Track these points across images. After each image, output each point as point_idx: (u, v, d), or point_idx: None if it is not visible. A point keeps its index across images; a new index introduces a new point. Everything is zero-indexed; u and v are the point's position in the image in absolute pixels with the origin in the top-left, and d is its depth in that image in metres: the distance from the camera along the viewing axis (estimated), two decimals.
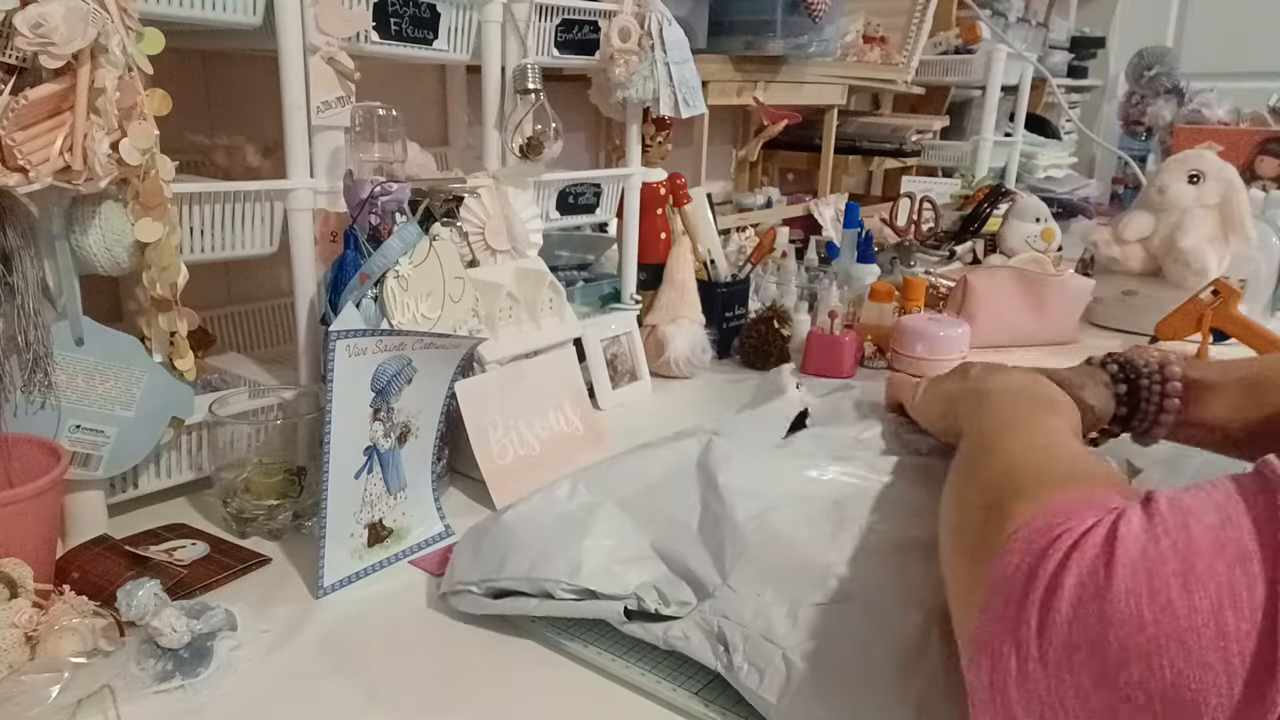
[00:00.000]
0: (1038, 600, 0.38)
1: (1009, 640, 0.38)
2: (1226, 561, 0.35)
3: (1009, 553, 0.41)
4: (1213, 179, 1.53)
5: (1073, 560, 0.38)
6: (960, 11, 2.42)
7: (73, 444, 0.73)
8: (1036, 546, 0.40)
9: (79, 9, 0.62)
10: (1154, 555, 0.36)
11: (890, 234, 1.87)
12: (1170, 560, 0.36)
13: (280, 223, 0.85)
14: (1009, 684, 0.38)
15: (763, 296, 1.50)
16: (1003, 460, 0.53)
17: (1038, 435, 0.58)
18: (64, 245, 0.71)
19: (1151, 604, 0.35)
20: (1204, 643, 0.34)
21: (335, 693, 0.62)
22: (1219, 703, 0.33)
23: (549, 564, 0.67)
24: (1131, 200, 1.93)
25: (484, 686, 0.63)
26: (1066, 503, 0.42)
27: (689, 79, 1.17)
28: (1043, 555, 0.39)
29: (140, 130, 0.68)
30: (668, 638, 0.63)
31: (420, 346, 0.76)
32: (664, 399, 1.22)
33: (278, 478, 0.82)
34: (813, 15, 1.61)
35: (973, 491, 0.52)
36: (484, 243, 1.01)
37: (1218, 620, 0.34)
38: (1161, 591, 0.35)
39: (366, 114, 0.84)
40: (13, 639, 0.58)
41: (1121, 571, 0.36)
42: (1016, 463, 0.52)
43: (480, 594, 0.69)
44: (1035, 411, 0.62)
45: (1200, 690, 0.34)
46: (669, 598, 0.65)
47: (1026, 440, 0.56)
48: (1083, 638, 0.36)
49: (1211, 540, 0.36)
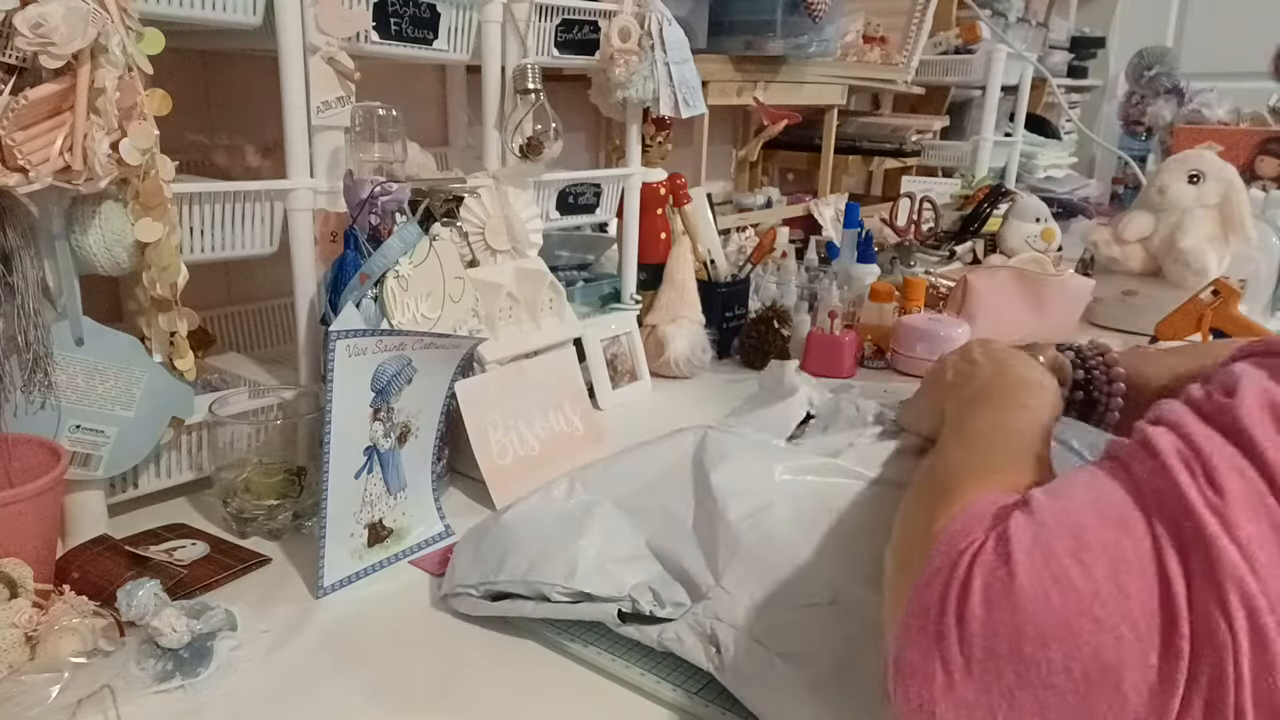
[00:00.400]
0: (952, 610, 0.38)
1: (933, 654, 0.38)
2: (1110, 529, 0.37)
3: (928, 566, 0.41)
4: (1213, 179, 1.53)
5: (976, 566, 0.39)
6: (960, 11, 2.42)
7: (73, 444, 0.73)
8: (947, 560, 0.40)
9: (79, 9, 0.62)
10: (1045, 540, 0.38)
11: (890, 234, 1.87)
12: (1060, 539, 0.37)
13: (280, 223, 0.85)
14: (936, 701, 0.38)
15: (763, 296, 1.50)
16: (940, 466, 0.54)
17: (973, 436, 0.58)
18: (64, 245, 0.71)
19: (1055, 584, 0.36)
20: (1109, 609, 0.35)
21: (335, 693, 0.62)
22: (1135, 663, 0.35)
23: (545, 566, 0.67)
24: (1131, 200, 1.93)
25: (484, 686, 0.63)
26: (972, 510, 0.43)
27: (689, 79, 1.17)
28: (952, 569, 0.39)
29: (140, 130, 0.68)
30: (662, 639, 0.63)
31: (420, 346, 0.76)
32: (664, 399, 1.22)
33: (278, 478, 0.82)
34: (813, 15, 1.61)
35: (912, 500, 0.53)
36: (484, 243, 1.01)
37: (1117, 584, 0.36)
38: (1060, 570, 0.36)
39: (366, 114, 0.84)
40: (13, 639, 0.58)
41: (1020, 561, 0.37)
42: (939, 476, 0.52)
43: (479, 597, 0.69)
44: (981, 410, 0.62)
45: (1117, 656, 0.35)
46: (664, 599, 0.65)
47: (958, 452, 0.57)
48: (1001, 636, 0.37)
49: (1091, 514, 0.38)
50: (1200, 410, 0.39)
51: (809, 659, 0.58)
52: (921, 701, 0.39)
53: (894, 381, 1.29)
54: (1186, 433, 0.38)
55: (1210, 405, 0.39)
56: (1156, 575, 0.35)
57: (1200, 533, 0.35)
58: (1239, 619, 0.34)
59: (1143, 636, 0.35)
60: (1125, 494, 0.38)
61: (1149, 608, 0.35)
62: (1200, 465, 0.36)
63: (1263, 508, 0.35)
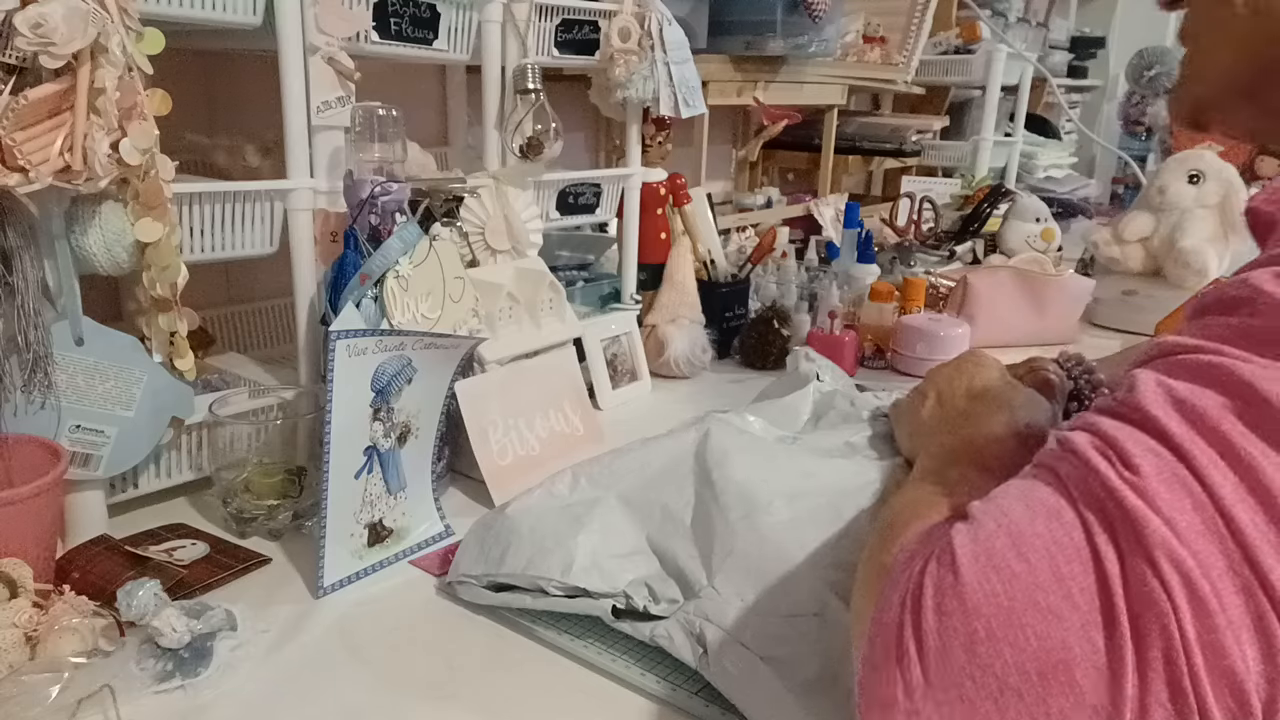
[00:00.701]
0: (909, 625, 0.39)
1: (894, 678, 0.39)
2: (1044, 521, 0.38)
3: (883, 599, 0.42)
4: (1213, 179, 1.53)
5: (925, 577, 0.40)
6: (960, 11, 2.42)
7: (73, 444, 0.73)
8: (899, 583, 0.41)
9: (79, 9, 0.62)
10: (984, 540, 0.39)
11: (890, 234, 1.87)
12: (999, 537, 0.39)
13: (280, 223, 0.85)
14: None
15: (763, 296, 1.50)
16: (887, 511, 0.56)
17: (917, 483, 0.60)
18: (64, 245, 0.71)
19: (999, 577, 0.37)
20: (1051, 597, 0.36)
21: (335, 692, 0.62)
22: (1082, 646, 0.35)
23: (544, 560, 0.68)
24: (1131, 200, 1.93)
25: (484, 686, 0.63)
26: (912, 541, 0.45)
27: (689, 79, 1.17)
28: (905, 587, 0.41)
29: (140, 130, 0.68)
30: (654, 636, 0.63)
31: (420, 346, 0.76)
32: (664, 399, 1.22)
33: (278, 478, 0.82)
34: (813, 15, 1.61)
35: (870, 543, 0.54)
36: (484, 243, 1.01)
37: (1055, 572, 0.37)
38: (1003, 565, 0.38)
39: (366, 114, 0.84)
40: (13, 639, 0.58)
41: (965, 564, 0.38)
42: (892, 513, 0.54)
43: (480, 586, 0.70)
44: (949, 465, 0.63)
45: (1062, 644, 0.36)
46: (659, 595, 0.65)
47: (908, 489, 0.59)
48: (954, 641, 0.38)
49: (1023, 510, 0.39)
50: (1104, 410, 0.41)
51: (794, 665, 0.59)
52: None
53: (894, 381, 1.29)
54: (1098, 429, 0.40)
55: (1115, 404, 0.41)
56: (1091, 556, 0.37)
57: (1122, 507, 0.36)
58: (1174, 582, 0.35)
59: (1085, 617, 0.36)
60: (1053, 490, 0.40)
61: (1086, 587, 0.36)
62: (1115, 452, 0.38)
63: (1177, 480, 0.36)
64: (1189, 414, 0.37)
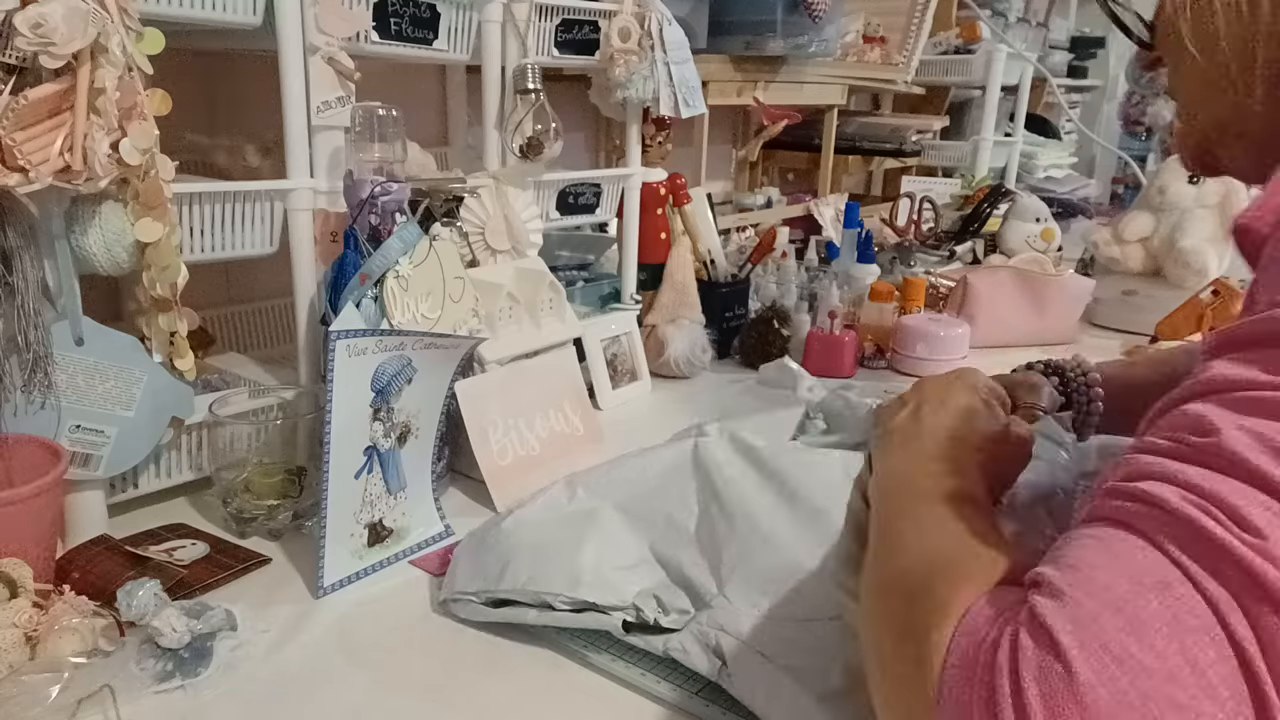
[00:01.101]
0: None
1: None
2: (1155, 596, 0.32)
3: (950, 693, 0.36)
4: (1212, 179, 1.53)
5: (1023, 670, 0.33)
6: (960, 11, 2.42)
7: (73, 444, 0.73)
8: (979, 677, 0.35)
9: (79, 9, 0.62)
10: (1089, 620, 0.32)
11: (890, 234, 1.87)
12: (1106, 615, 0.32)
13: (280, 223, 0.85)
14: None
15: (763, 296, 1.50)
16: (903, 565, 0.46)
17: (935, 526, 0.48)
18: (64, 245, 0.71)
19: (1121, 669, 0.31)
20: (1188, 689, 0.31)
21: (335, 692, 0.62)
22: None
23: (547, 575, 0.67)
24: (1131, 200, 1.93)
25: (484, 686, 0.63)
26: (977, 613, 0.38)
27: (689, 79, 1.17)
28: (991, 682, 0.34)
29: (140, 130, 0.68)
30: (667, 649, 0.63)
31: (420, 346, 0.76)
32: (664, 399, 1.22)
33: (278, 478, 0.82)
34: (813, 15, 1.61)
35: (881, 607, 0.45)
36: (484, 243, 1.01)
37: (1186, 657, 0.31)
38: (1122, 652, 0.32)
39: (366, 114, 0.84)
40: (13, 639, 0.58)
41: (1072, 649, 0.32)
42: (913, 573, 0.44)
43: (479, 603, 0.69)
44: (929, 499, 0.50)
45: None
46: (668, 606, 0.65)
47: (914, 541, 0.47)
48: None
49: (1126, 582, 0.33)
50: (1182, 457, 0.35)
51: (816, 673, 0.58)
52: None
53: (894, 381, 1.29)
54: (1185, 480, 0.34)
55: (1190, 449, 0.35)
56: (1226, 637, 0.31)
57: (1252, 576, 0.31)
58: None
59: (1230, 712, 0.30)
60: (1150, 554, 0.33)
61: (1227, 675, 0.31)
62: (1219, 509, 0.33)
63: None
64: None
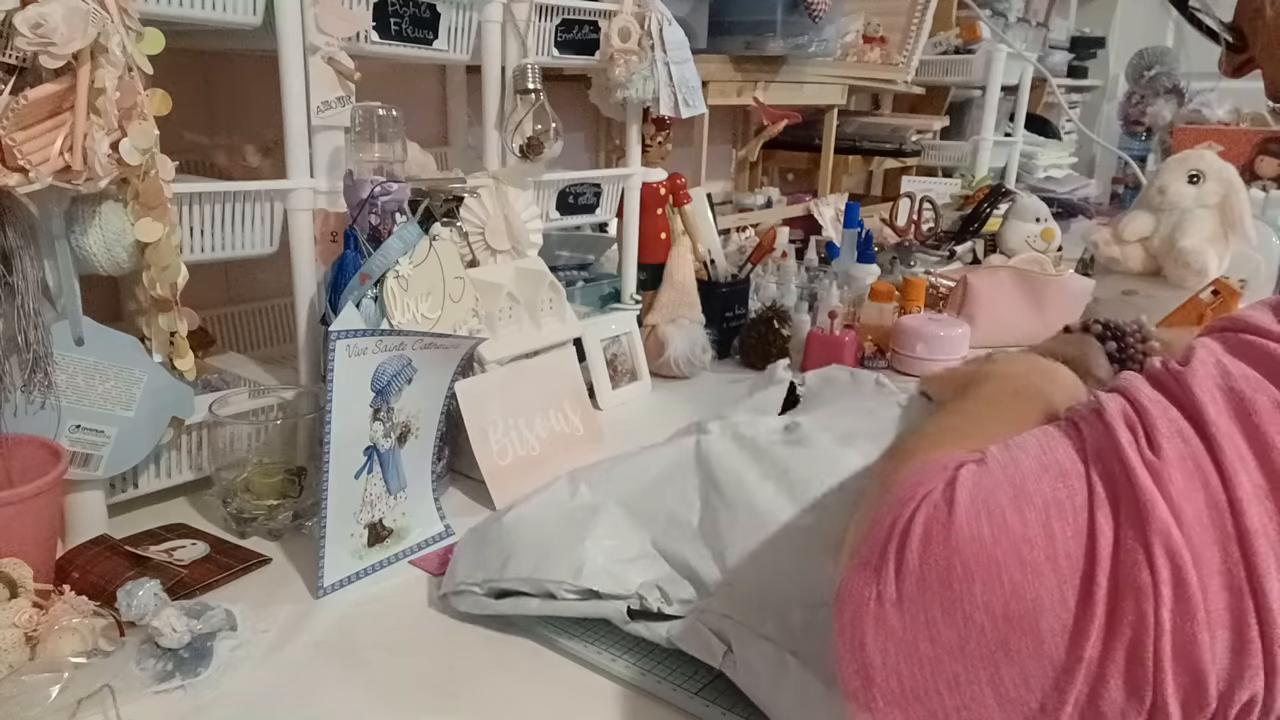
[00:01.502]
0: (895, 544, 0.41)
1: (871, 585, 0.41)
2: (1050, 479, 0.39)
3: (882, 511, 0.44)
4: (1213, 179, 1.52)
5: (922, 505, 0.41)
6: (960, 11, 2.42)
7: (73, 444, 0.73)
8: (899, 503, 0.43)
9: (79, 9, 0.62)
10: (988, 485, 0.40)
11: (890, 234, 1.87)
12: (1002, 486, 0.40)
13: (280, 223, 0.85)
14: (866, 627, 0.40)
15: (763, 296, 1.50)
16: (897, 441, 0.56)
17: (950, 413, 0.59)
18: (64, 245, 0.71)
19: (989, 523, 0.38)
20: (1036, 552, 0.37)
21: (335, 693, 0.62)
22: (1052, 603, 0.36)
23: (551, 565, 0.67)
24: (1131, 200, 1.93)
25: (484, 686, 0.63)
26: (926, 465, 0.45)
27: (689, 79, 1.17)
28: (901, 508, 0.42)
29: (140, 130, 0.68)
30: (670, 636, 0.63)
31: (420, 346, 0.76)
32: (664, 399, 1.22)
33: (278, 478, 0.82)
34: (813, 15, 1.61)
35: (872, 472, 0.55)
36: (484, 243, 1.01)
37: (1046, 530, 0.37)
38: (997, 513, 0.39)
39: (366, 114, 0.84)
40: (13, 639, 0.58)
41: (961, 503, 0.40)
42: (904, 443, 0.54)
43: (482, 594, 0.69)
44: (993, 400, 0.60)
45: (1034, 597, 0.37)
46: (671, 596, 0.65)
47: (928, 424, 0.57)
48: (932, 570, 0.39)
49: (1035, 465, 0.40)
50: (1153, 378, 0.41)
51: (823, 658, 0.58)
52: (853, 629, 0.41)
53: (894, 381, 1.29)
54: (1134, 397, 0.40)
55: (1163, 373, 0.40)
56: (1087, 523, 0.37)
57: (1132, 485, 0.36)
58: (1163, 570, 0.35)
59: (1063, 577, 0.37)
60: (1071, 450, 0.40)
61: (1073, 553, 0.37)
62: (1143, 426, 0.38)
63: (1197, 469, 0.36)
64: (1237, 406, 0.36)
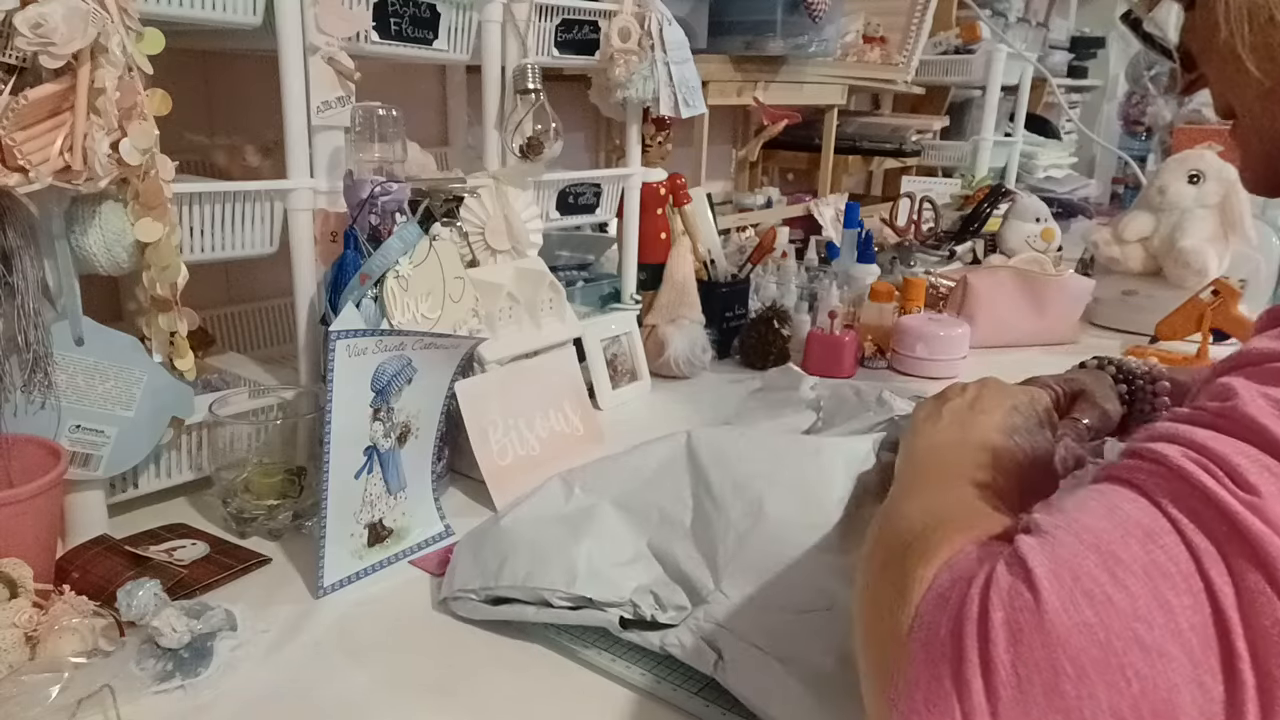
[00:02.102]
0: (975, 650, 0.33)
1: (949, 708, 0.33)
2: (1138, 542, 0.33)
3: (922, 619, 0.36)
4: (1213, 179, 1.53)
5: (992, 595, 0.33)
6: (960, 11, 2.42)
7: (73, 444, 0.73)
8: (952, 603, 0.35)
9: (79, 9, 0.62)
10: (1068, 557, 0.33)
11: (890, 234, 1.87)
12: (1085, 554, 0.33)
13: (280, 223, 0.85)
14: None
15: (763, 296, 1.50)
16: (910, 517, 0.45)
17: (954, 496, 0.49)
18: (64, 245, 0.71)
19: (1090, 604, 0.32)
20: (1156, 631, 0.31)
21: (335, 693, 0.62)
22: (1193, 699, 0.31)
23: (545, 571, 0.67)
24: (1131, 200, 1.93)
25: (484, 686, 0.63)
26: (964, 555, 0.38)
27: (689, 79, 1.17)
28: (961, 606, 0.34)
29: (140, 130, 0.68)
30: (664, 645, 0.63)
31: (420, 346, 0.76)
32: (664, 399, 1.22)
33: (278, 478, 0.82)
34: (813, 15, 1.61)
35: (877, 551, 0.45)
36: (484, 243, 1.01)
37: (1160, 602, 0.31)
38: (1093, 586, 0.32)
39: (366, 114, 0.84)
40: (13, 639, 0.58)
41: (1045, 582, 0.32)
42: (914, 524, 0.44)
43: (479, 601, 0.69)
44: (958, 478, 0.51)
45: (1171, 689, 0.31)
46: (665, 603, 0.65)
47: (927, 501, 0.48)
48: (1033, 670, 0.32)
49: (1110, 527, 0.33)
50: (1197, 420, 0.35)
51: (810, 663, 0.58)
52: None
53: (894, 381, 1.29)
54: (1191, 440, 0.34)
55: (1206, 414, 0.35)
56: (1204, 588, 0.31)
57: (1239, 532, 0.31)
58: None
59: (1197, 658, 0.31)
60: (1142, 505, 0.34)
61: (1199, 623, 0.31)
62: (1219, 466, 0.33)
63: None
64: None
